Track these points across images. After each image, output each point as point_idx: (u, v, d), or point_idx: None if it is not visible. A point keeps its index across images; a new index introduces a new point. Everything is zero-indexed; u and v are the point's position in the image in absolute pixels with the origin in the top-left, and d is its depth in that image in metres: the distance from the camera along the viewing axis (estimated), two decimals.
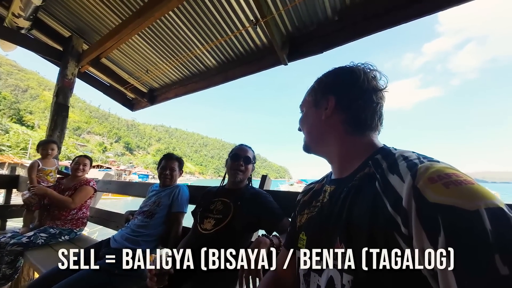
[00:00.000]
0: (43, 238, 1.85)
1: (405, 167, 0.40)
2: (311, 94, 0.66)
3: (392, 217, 0.38)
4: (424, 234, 0.33)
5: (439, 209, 0.32)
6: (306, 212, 0.64)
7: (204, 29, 2.38)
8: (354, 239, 0.43)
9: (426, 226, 0.33)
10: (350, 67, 0.60)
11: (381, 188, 0.42)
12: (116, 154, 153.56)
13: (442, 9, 1.56)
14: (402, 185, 0.38)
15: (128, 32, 2.35)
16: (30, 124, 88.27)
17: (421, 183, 0.36)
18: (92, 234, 7.61)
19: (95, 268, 1.22)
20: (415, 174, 0.37)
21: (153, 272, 0.90)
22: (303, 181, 53.92)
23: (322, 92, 0.61)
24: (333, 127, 0.58)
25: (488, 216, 0.29)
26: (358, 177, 0.50)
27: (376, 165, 0.47)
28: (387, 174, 0.43)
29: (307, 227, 0.60)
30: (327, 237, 0.51)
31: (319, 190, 0.65)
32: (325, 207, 0.56)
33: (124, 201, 19.91)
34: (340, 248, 0.45)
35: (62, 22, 2.93)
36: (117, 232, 1.54)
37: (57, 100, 2.85)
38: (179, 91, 3.37)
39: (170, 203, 1.56)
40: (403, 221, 0.36)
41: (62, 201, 1.95)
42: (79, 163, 2.19)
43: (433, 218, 0.32)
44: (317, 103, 0.62)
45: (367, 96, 0.55)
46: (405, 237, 0.36)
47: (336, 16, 1.96)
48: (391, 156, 0.46)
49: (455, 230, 0.30)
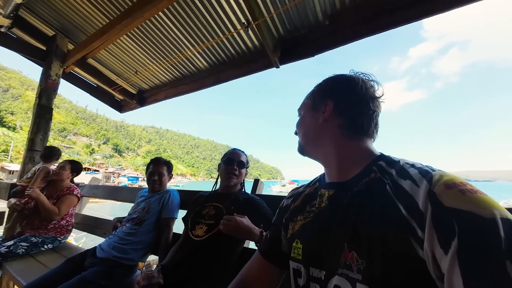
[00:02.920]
0: (23, 248, 1.75)
1: (418, 173, 0.42)
2: (310, 98, 0.66)
3: (407, 221, 0.38)
4: (436, 237, 0.34)
5: (455, 214, 0.33)
6: (299, 218, 0.60)
7: (195, 31, 2.34)
8: (366, 246, 0.42)
9: (440, 230, 0.34)
10: (349, 75, 0.61)
11: (392, 192, 0.42)
12: (104, 156, 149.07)
13: (428, 15, 1.61)
14: (416, 190, 0.39)
15: (116, 32, 2.28)
16: (12, 125, 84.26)
17: (437, 188, 0.37)
18: (79, 240, 7.33)
19: (80, 280, 1.17)
20: (430, 180, 0.39)
21: (141, 284, 0.86)
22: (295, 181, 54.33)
23: (321, 96, 0.62)
24: (330, 130, 0.59)
25: (503, 225, 0.30)
26: (364, 182, 0.49)
27: (382, 171, 0.48)
28: (398, 180, 0.44)
29: (302, 235, 0.56)
30: (331, 244, 0.48)
31: (312, 194, 0.63)
32: (325, 212, 0.54)
33: (112, 204, 19.33)
34: (350, 255, 0.43)
35: (46, 20, 2.81)
36: (103, 240, 1.48)
37: (40, 102, 2.72)
38: (169, 93, 3.30)
39: (160, 209, 1.52)
40: (419, 225, 0.37)
41: (49, 211, 1.85)
42: (58, 165, 2.12)
43: (448, 222, 0.33)
44: (315, 106, 0.63)
45: (364, 103, 0.56)
46: (420, 240, 0.36)
47: (327, 20, 1.99)
48: (397, 163, 0.48)
49: (470, 234, 0.31)
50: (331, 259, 0.47)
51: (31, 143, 2.65)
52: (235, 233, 0.98)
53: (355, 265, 0.42)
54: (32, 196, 1.79)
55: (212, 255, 1.09)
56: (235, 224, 0.98)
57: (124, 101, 3.86)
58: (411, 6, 1.63)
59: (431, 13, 1.59)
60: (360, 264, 0.41)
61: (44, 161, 2.28)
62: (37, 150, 2.68)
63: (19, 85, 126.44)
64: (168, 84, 3.28)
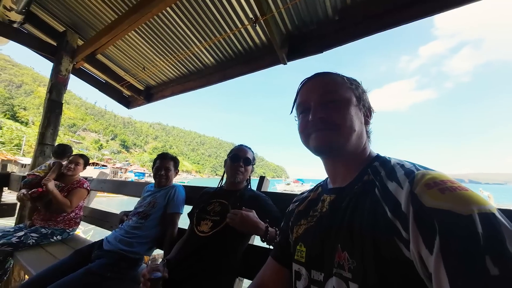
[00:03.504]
0: (34, 238, 1.80)
1: (403, 174, 0.43)
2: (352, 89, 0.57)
3: (392, 222, 0.39)
4: (420, 238, 0.34)
5: (435, 214, 0.34)
6: (303, 222, 0.62)
7: (203, 27, 2.33)
8: (357, 246, 0.43)
9: (423, 230, 0.34)
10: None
11: (380, 195, 0.43)
12: (112, 151, 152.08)
13: (443, 10, 1.55)
14: (401, 191, 0.40)
15: (124, 28, 2.29)
16: (24, 120, 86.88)
17: (418, 189, 0.38)
18: (87, 232, 7.51)
19: (87, 271, 1.19)
20: (412, 181, 0.39)
21: (147, 277, 0.86)
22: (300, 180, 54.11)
23: (364, 99, 0.60)
24: (364, 137, 0.59)
25: (480, 220, 0.31)
26: (359, 185, 0.50)
27: (374, 172, 0.49)
28: (385, 181, 0.44)
29: (306, 238, 0.58)
30: (329, 247, 0.49)
31: (315, 200, 0.64)
32: (325, 217, 0.55)
33: (120, 199, 19.74)
34: (343, 256, 0.45)
35: (56, 16, 2.85)
36: (110, 233, 1.50)
37: (51, 96, 2.77)
38: (176, 89, 3.31)
39: (166, 204, 1.53)
40: (403, 226, 0.37)
41: (61, 203, 1.90)
42: (72, 161, 2.13)
43: (430, 222, 0.34)
44: (360, 103, 0.57)
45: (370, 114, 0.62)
46: (406, 241, 0.37)
47: (337, 16, 1.94)
48: (388, 163, 0.48)
49: (450, 233, 0.32)
50: (328, 261, 0.48)
51: (41, 137, 2.70)
52: (241, 227, 0.98)
53: (346, 265, 0.44)
54: (48, 187, 1.84)
55: (217, 251, 1.09)
56: (241, 217, 0.98)
57: (132, 97, 3.89)
58: (424, 1, 1.57)
59: (445, 8, 1.52)
60: (350, 264, 0.43)
61: (56, 158, 2.32)
62: (48, 144, 2.74)
63: (32, 81, 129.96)
64: (175, 80, 3.29)
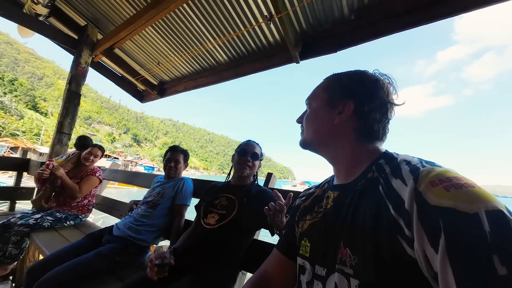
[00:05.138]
0: (49, 221, 1.89)
1: (408, 171, 0.41)
2: (327, 91, 0.61)
3: (395, 220, 0.38)
4: (425, 236, 0.33)
5: (440, 212, 0.33)
6: (308, 218, 0.62)
7: (217, 23, 2.36)
8: (359, 243, 0.43)
9: (427, 229, 0.34)
10: (374, 74, 0.57)
11: (384, 192, 0.43)
12: (124, 145, 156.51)
13: (465, 11, 1.49)
14: (404, 189, 0.39)
15: (142, 23, 2.35)
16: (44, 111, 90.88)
17: (423, 187, 0.37)
18: (97, 221, 7.78)
19: (97, 254, 1.24)
20: (417, 178, 0.38)
21: (154, 262, 0.89)
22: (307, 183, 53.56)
23: (341, 93, 0.58)
24: (343, 134, 0.57)
25: (487, 219, 0.30)
26: (363, 182, 0.50)
27: (379, 169, 0.48)
28: (390, 179, 0.44)
29: (310, 234, 0.59)
30: (332, 243, 0.50)
31: (320, 196, 0.64)
32: (329, 214, 0.55)
33: (129, 191, 20.31)
34: (345, 252, 0.45)
35: (79, 10, 2.97)
36: (120, 220, 1.56)
37: (70, 87, 2.89)
38: (188, 85, 3.37)
39: (174, 195, 1.56)
40: (406, 224, 0.37)
41: (71, 189, 1.98)
42: (92, 153, 2.21)
43: (434, 221, 0.33)
44: (332, 103, 0.58)
45: (384, 110, 0.55)
46: (409, 239, 0.36)
47: (353, 15, 1.91)
48: (394, 160, 0.47)
49: (455, 232, 0.31)
50: (331, 257, 0.49)
51: (60, 126, 2.83)
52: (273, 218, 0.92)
53: (348, 261, 0.44)
54: (56, 174, 1.92)
55: (222, 243, 1.10)
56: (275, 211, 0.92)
57: (146, 92, 3.99)
58: (444, 2, 1.52)
59: (472, 8, 1.46)
60: (352, 260, 0.43)
61: (78, 149, 2.40)
62: (65, 133, 2.86)
63: (52, 74, 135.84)
64: (188, 76, 3.34)
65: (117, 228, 1.44)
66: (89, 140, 2.48)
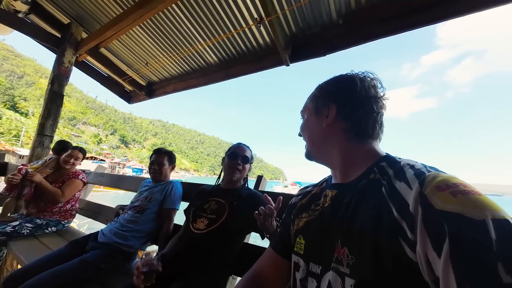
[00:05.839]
0: (28, 229, 1.79)
1: (413, 174, 0.41)
2: (312, 101, 0.65)
3: (398, 222, 0.38)
4: (428, 240, 0.33)
5: (445, 217, 0.33)
6: (304, 215, 0.63)
7: (207, 24, 2.34)
8: (357, 243, 0.43)
9: (431, 233, 0.33)
10: (350, 75, 0.60)
11: (387, 194, 0.43)
12: (111, 146, 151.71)
13: (447, 18, 1.56)
14: (409, 192, 0.39)
15: (129, 23, 2.30)
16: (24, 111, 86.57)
17: (429, 190, 0.36)
18: (82, 226, 7.47)
19: (81, 261, 1.18)
20: (422, 182, 0.38)
21: (141, 270, 0.86)
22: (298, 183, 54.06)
23: (323, 99, 0.62)
24: (335, 135, 0.58)
25: (494, 226, 0.30)
26: (364, 183, 0.50)
27: (382, 172, 0.48)
28: (393, 181, 0.43)
29: (306, 231, 0.59)
30: (328, 241, 0.50)
31: (318, 194, 0.64)
32: (327, 212, 0.56)
33: (116, 194, 19.68)
34: (342, 251, 0.45)
35: (62, 8, 2.86)
36: (105, 226, 1.50)
37: (52, 87, 2.77)
38: (178, 86, 3.32)
39: (163, 199, 1.53)
40: (409, 226, 0.36)
41: (52, 193, 1.89)
42: (72, 155, 2.12)
43: (439, 225, 0.33)
44: (318, 110, 0.62)
45: (367, 106, 0.56)
46: (410, 242, 0.36)
47: (341, 20, 1.95)
48: (397, 164, 0.47)
49: (461, 237, 0.30)
50: (326, 255, 0.49)
51: (41, 128, 2.70)
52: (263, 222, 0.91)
53: (345, 260, 0.44)
54: (33, 180, 1.82)
55: (211, 248, 1.09)
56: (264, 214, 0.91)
57: (133, 92, 3.89)
58: (429, 8, 1.58)
59: (451, 16, 1.53)
60: (349, 260, 0.43)
61: (56, 153, 2.30)
62: (47, 135, 2.73)
63: (34, 72, 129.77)
64: (177, 77, 3.29)
65: (103, 234, 1.39)
66: (69, 144, 2.38)
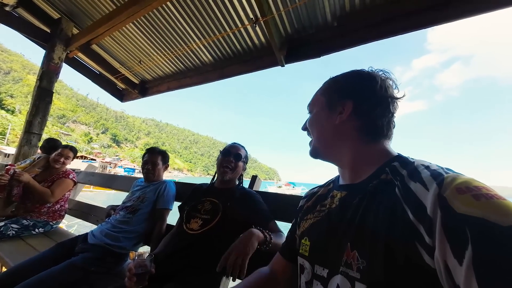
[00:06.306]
0: (14, 230, 1.73)
1: (429, 175, 0.39)
2: (325, 94, 0.61)
3: (414, 225, 0.36)
4: (448, 246, 0.31)
5: (467, 221, 0.30)
6: (309, 217, 0.61)
7: (202, 23, 2.32)
8: (369, 246, 0.41)
9: (452, 238, 0.31)
10: (369, 72, 0.57)
11: (401, 195, 0.40)
12: (102, 145, 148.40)
13: (438, 23, 1.60)
14: (426, 193, 0.37)
15: (122, 19, 2.25)
16: (11, 108, 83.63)
17: (448, 193, 0.34)
18: (71, 227, 7.28)
19: (70, 265, 1.15)
20: (441, 183, 0.36)
21: (133, 271, 0.84)
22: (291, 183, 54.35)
23: (339, 94, 0.58)
24: (347, 133, 0.56)
25: None
26: (374, 183, 0.48)
27: (394, 172, 0.46)
28: (408, 182, 0.41)
29: (311, 233, 0.57)
30: (335, 243, 0.48)
31: (324, 195, 0.62)
32: (334, 213, 0.54)
33: (107, 194, 19.26)
34: (352, 255, 0.43)
35: (51, 2, 2.77)
36: (96, 227, 1.46)
37: (41, 84, 2.68)
38: (172, 85, 3.28)
39: (156, 199, 1.51)
40: (427, 231, 0.34)
41: (41, 193, 1.83)
42: (62, 154, 2.05)
43: (461, 230, 0.31)
44: (331, 105, 0.59)
45: (385, 105, 0.54)
46: (428, 247, 0.34)
47: (335, 22, 1.98)
48: (411, 164, 0.45)
49: (485, 244, 0.28)
50: (334, 258, 0.47)
51: (29, 126, 2.61)
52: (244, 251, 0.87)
53: (355, 264, 0.42)
54: (21, 180, 1.75)
55: (205, 249, 1.08)
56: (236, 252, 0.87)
57: (126, 91, 3.82)
58: (421, 13, 1.62)
59: (441, 21, 1.58)
60: (360, 264, 0.41)
61: (45, 152, 2.22)
62: (35, 133, 2.64)
63: (21, 68, 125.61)
64: (172, 76, 3.25)
65: (93, 236, 1.36)
66: (58, 143, 2.32)
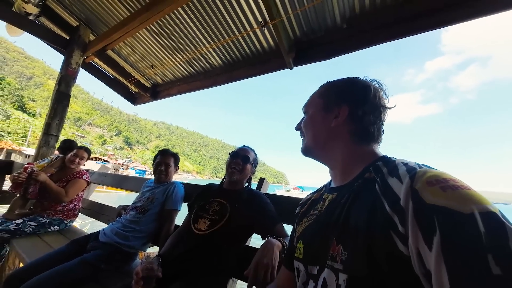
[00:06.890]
0: (31, 227, 1.80)
1: (404, 170, 0.42)
2: (322, 97, 0.64)
3: (390, 216, 0.39)
4: (420, 234, 0.34)
5: (435, 211, 0.34)
6: (304, 221, 0.64)
7: (212, 28, 2.37)
8: (350, 239, 0.44)
9: (422, 226, 0.34)
10: (365, 80, 0.61)
11: (380, 191, 0.43)
12: (115, 147, 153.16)
13: (449, 24, 1.56)
14: (400, 186, 0.40)
15: (135, 25, 2.34)
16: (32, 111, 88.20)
17: (419, 185, 0.37)
18: (84, 226, 7.51)
19: (81, 261, 1.18)
20: (413, 177, 0.39)
21: (140, 275, 0.85)
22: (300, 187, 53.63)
23: (336, 98, 0.61)
24: (340, 136, 0.59)
25: (482, 219, 0.31)
26: (359, 182, 0.51)
27: (376, 170, 0.49)
28: (387, 178, 0.44)
29: (304, 236, 0.60)
30: (323, 241, 0.50)
31: (317, 199, 0.65)
32: (323, 214, 0.56)
33: (118, 195, 19.79)
34: (337, 249, 0.46)
35: (71, 11, 2.93)
36: (107, 225, 1.50)
37: (59, 88, 2.83)
38: (182, 88, 3.35)
39: (164, 200, 1.53)
40: (400, 220, 0.37)
41: (56, 193, 1.90)
42: (77, 155, 2.14)
43: (430, 219, 0.34)
44: (327, 108, 0.61)
45: (377, 113, 0.58)
46: (402, 236, 0.37)
47: (345, 24, 1.96)
48: (392, 162, 0.48)
49: (450, 231, 0.31)
50: (322, 254, 0.49)
51: (47, 127, 2.75)
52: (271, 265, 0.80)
53: (339, 256, 0.44)
54: (38, 179, 1.84)
55: (212, 250, 1.07)
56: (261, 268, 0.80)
57: (138, 94, 3.95)
58: (432, 14, 1.59)
59: (453, 22, 1.53)
60: (343, 256, 0.44)
61: (62, 153, 2.32)
62: (53, 135, 2.77)
63: (42, 74, 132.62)
64: (182, 79, 3.33)
65: (104, 234, 1.39)
66: (74, 144, 2.41)
